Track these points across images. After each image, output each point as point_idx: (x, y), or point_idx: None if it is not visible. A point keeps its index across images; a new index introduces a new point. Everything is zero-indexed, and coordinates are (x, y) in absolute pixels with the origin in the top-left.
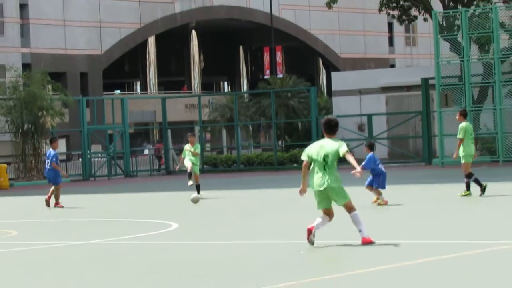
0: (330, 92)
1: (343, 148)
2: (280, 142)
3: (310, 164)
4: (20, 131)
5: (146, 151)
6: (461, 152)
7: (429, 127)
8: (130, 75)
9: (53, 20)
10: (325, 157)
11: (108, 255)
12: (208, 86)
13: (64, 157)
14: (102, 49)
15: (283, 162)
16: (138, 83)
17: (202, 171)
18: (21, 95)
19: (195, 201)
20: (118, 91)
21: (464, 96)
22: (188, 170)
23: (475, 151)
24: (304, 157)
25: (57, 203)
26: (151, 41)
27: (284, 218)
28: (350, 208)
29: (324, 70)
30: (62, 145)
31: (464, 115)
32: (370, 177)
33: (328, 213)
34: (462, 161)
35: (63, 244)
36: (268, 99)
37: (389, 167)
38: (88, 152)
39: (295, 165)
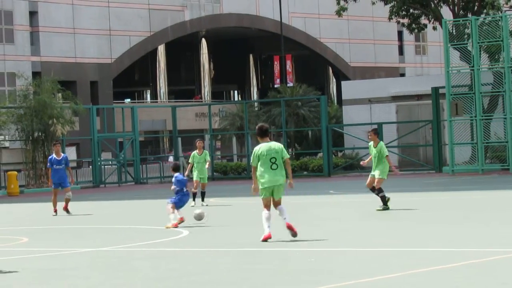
0: (340, 101)
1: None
2: (290, 150)
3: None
4: (31, 138)
5: (170, 158)
6: (382, 168)
7: (439, 135)
8: (140, 84)
9: (63, 28)
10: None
11: (119, 262)
12: (218, 95)
13: (74, 164)
14: (112, 58)
15: (293, 170)
16: (148, 92)
17: (212, 178)
18: (31, 103)
19: (199, 218)
20: (128, 100)
21: (474, 105)
22: (194, 190)
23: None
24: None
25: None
26: (161, 49)
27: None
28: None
29: (334, 79)
30: (72, 152)
31: (378, 134)
32: None
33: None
34: (380, 177)
35: (73, 251)
36: (278, 108)
37: (399, 175)
38: (99, 159)
39: (305, 172)
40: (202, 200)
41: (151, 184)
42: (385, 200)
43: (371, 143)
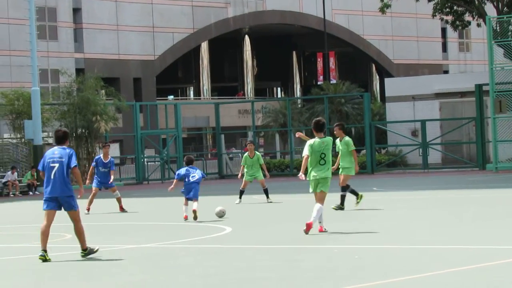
0: (383, 98)
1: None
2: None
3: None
4: (74, 135)
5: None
6: (345, 164)
7: (482, 133)
8: (183, 81)
9: (107, 25)
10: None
11: (164, 258)
12: (261, 92)
13: (118, 161)
14: (155, 54)
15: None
16: (192, 89)
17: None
18: (75, 100)
19: (220, 215)
20: (171, 97)
21: None
22: (241, 188)
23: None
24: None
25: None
26: (204, 46)
27: (337, 223)
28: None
29: (377, 76)
30: (115, 149)
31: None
32: None
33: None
34: (345, 173)
35: (117, 247)
36: (322, 105)
37: (442, 172)
38: (142, 156)
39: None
40: (267, 197)
41: None
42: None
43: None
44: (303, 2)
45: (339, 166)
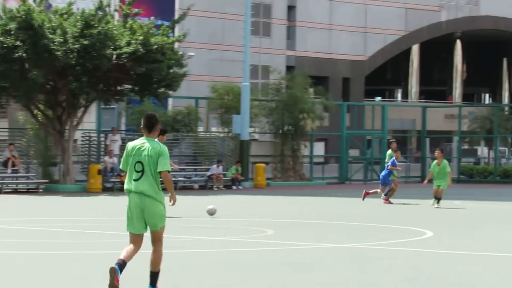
0: None
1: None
2: None
3: None
4: (280, 132)
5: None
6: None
7: None
8: (391, 82)
9: (319, 24)
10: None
11: (365, 259)
12: (468, 97)
13: (321, 159)
14: (366, 55)
15: None
16: (400, 91)
17: (457, 181)
18: (283, 97)
19: (211, 213)
20: (378, 98)
21: None
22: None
23: None
24: None
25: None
26: (415, 49)
27: None
28: None
29: None
30: (320, 148)
31: None
32: None
33: None
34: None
35: (317, 245)
36: None
37: None
38: (346, 156)
39: None
40: (438, 202)
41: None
42: None
43: None
44: None
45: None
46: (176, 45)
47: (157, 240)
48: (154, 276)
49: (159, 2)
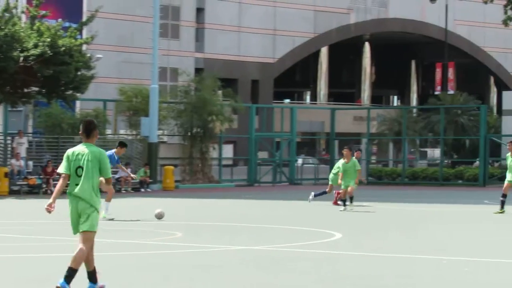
0: (500, 111)
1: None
2: (446, 158)
3: None
4: (189, 134)
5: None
6: None
7: None
8: (300, 85)
9: (228, 26)
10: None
11: (272, 261)
12: (377, 99)
13: (230, 162)
14: (275, 57)
15: (448, 178)
16: (308, 93)
17: (367, 183)
18: (192, 99)
19: (159, 217)
20: (287, 100)
21: None
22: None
23: None
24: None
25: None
26: (324, 51)
27: (446, 233)
28: None
29: (495, 89)
30: (229, 150)
31: None
32: None
33: None
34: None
35: (225, 248)
36: (437, 115)
37: None
38: (255, 158)
39: (460, 181)
40: (351, 202)
41: (305, 185)
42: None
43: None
44: (425, 11)
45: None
46: (84, 47)
47: (86, 242)
48: (71, 273)
49: (67, 4)
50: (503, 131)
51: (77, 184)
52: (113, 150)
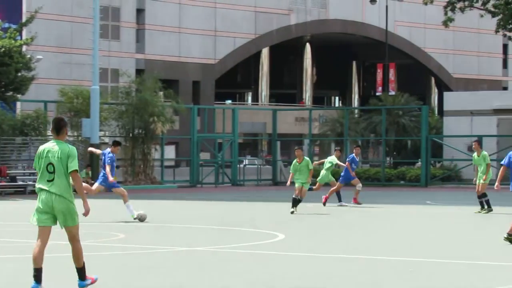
0: (441, 112)
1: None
2: (388, 159)
3: None
4: (131, 135)
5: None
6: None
7: None
8: (242, 86)
9: (169, 27)
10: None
11: (213, 262)
12: (319, 100)
13: (172, 163)
14: (216, 58)
15: (390, 179)
16: (250, 94)
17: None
18: (133, 100)
19: (141, 219)
20: (229, 101)
21: None
22: (294, 196)
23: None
24: None
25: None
26: (265, 52)
27: (393, 234)
28: None
29: (436, 90)
30: (171, 151)
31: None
32: None
33: None
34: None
35: (167, 249)
36: (379, 116)
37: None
38: (197, 159)
39: (402, 182)
40: (294, 206)
41: (247, 186)
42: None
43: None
44: (365, 12)
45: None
46: (24, 48)
47: (72, 238)
48: (80, 271)
49: (6, 4)
50: (444, 131)
51: (48, 181)
52: (109, 149)
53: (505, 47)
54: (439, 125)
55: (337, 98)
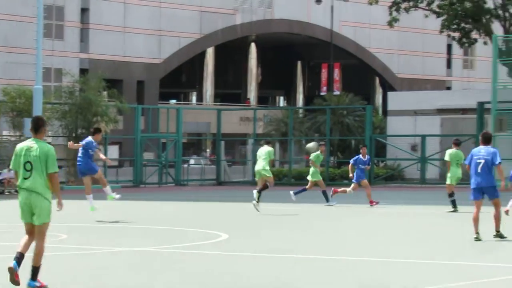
0: (385, 111)
1: None
2: (332, 158)
3: None
4: (74, 135)
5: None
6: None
7: None
8: (186, 85)
9: (113, 26)
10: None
11: (153, 262)
12: (263, 100)
13: (116, 163)
14: (161, 58)
15: (334, 178)
16: (194, 94)
17: (251, 183)
18: (76, 100)
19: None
20: (173, 101)
21: None
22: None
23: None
24: None
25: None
26: (210, 52)
27: (331, 232)
28: None
29: (380, 89)
30: (114, 151)
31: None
32: None
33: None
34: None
35: (109, 250)
36: (324, 116)
37: (439, 188)
38: (140, 159)
39: (345, 181)
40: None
41: (191, 186)
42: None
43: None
44: (311, 12)
45: None
46: None
47: (39, 235)
48: (34, 271)
49: None
50: (388, 131)
51: (25, 178)
52: (90, 137)
53: (449, 47)
54: (383, 124)
55: (282, 98)
